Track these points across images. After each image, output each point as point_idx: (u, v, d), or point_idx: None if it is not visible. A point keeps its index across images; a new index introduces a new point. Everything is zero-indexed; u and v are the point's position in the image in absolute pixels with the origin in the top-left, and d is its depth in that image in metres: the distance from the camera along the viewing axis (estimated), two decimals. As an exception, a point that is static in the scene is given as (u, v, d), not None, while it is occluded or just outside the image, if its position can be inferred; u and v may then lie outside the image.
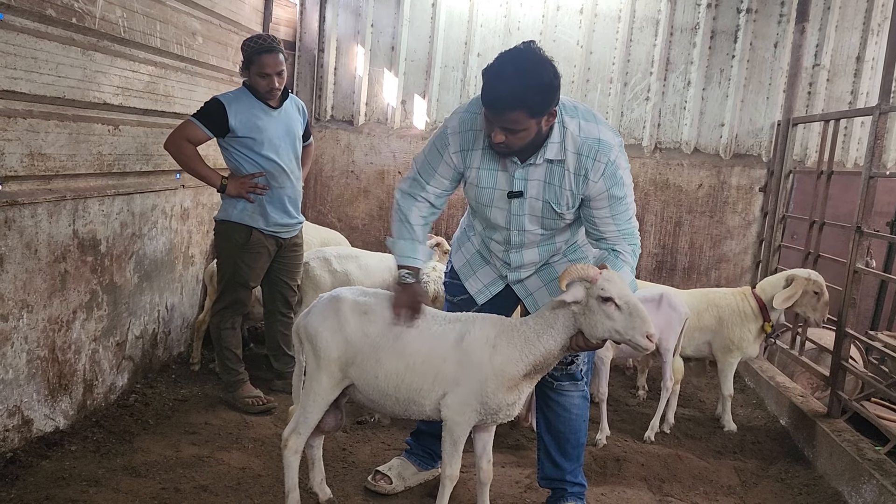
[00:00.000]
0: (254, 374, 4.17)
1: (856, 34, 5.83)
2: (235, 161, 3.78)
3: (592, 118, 2.57)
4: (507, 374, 2.50)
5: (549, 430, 3.00)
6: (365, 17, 5.93)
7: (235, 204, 3.80)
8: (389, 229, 2.85)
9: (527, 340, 2.49)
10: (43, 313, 3.16)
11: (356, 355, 2.60)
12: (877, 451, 3.57)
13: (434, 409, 2.60)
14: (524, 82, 2.30)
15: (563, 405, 2.94)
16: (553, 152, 2.52)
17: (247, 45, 3.71)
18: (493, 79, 2.35)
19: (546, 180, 2.59)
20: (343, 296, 2.69)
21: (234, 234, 3.82)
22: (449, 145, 2.65)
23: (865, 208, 3.97)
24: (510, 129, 2.39)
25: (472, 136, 2.62)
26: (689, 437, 4.17)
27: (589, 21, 5.82)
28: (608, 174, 2.51)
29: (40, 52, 2.99)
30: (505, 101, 2.33)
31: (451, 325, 2.59)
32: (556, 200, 2.60)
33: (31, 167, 3.02)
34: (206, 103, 3.71)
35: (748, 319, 4.31)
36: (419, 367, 2.54)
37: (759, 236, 5.96)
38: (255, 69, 3.68)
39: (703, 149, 5.98)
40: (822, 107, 5.87)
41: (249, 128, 3.71)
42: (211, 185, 3.75)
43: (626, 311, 2.34)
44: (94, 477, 2.99)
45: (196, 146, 3.68)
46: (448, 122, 2.69)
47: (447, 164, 2.68)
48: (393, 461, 3.21)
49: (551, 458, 3.00)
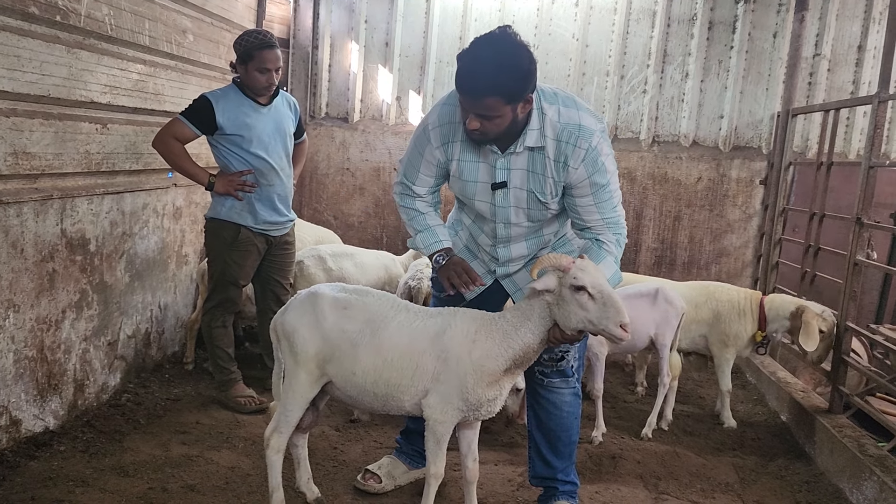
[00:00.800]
0: (247, 374, 4.14)
1: (857, 23, 5.75)
2: (224, 159, 3.75)
3: (573, 104, 2.52)
4: (487, 368, 2.46)
5: (540, 427, 2.95)
6: (359, 14, 5.90)
7: (224, 201, 3.77)
8: (386, 226, 2.87)
9: (505, 334, 2.46)
10: (30, 313, 3.14)
11: (334, 352, 2.57)
12: (879, 446, 3.51)
13: (413, 405, 2.57)
14: (500, 68, 2.26)
15: (553, 402, 2.89)
16: (533, 139, 2.48)
17: (245, 39, 3.67)
18: (468, 63, 2.31)
19: (529, 169, 2.55)
20: (321, 292, 2.65)
21: (222, 231, 3.79)
22: (430, 141, 2.63)
23: (865, 199, 3.91)
24: (485, 116, 2.36)
25: (452, 129, 2.59)
26: (687, 434, 4.12)
27: (584, 13, 5.76)
28: (589, 160, 2.47)
29: (23, 49, 2.97)
30: (480, 87, 2.29)
31: (431, 319, 2.56)
32: (539, 189, 2.56)
33: (16, 166, 3.00)
34: (194, 101, 3.68)
35: (745, 318, 4.24)
36: (397, 363, 2.51)
37: (759, 230, 5.89)
38: (254, 64, 3.63)
39: (702, 141, 5.91)
40: (823, 97, 5.78)
41: (238, 125, 3.67)
42: (198, 182, 3.72)
43: (600, 301, 2.30)
44: (82, 477, 2.97)
45: (184, 144, 3.66)
46: (427, 117, 2.67)
47: (429, 163, 2.68)
48: (383, 460, 3.17)
49: (542, 456, 2.96)
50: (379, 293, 2.70)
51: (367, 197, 6.08)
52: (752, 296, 4.34)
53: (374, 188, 6.05)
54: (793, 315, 4.11)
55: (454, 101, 2.55)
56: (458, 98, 2.47)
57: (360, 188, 6.07)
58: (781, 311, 4.18)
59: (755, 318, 4.25)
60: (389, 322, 2.55)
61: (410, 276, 4.28)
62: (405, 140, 5.98)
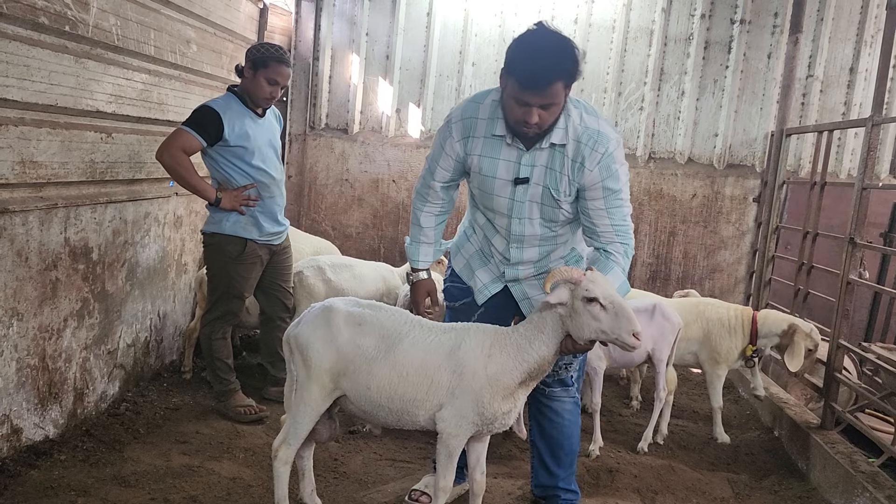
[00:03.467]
0: (246, 383, 4.15)
1: (849, 45, 5.87)
2: (224, 171, 3.74)
3: (594, 112, 2.64)
4: (503, 382, 2.50)
5: (543, 436, 3.01)
6: (360, 26, 5.95)
7: (228, 216, 3.76)
8: (384, 237, 2.96)
9: (519, 348, 2.50)
10: (33, 321, 3.14)
11: (348, 367, 2.59)
12: (871, 462, 3.57)
13: (427, 420, 2.59)
14: (561, 52, 2.38)
15: (555, 410, 2.96)
16: (558, 137, 2.57)
17: (264, 48, 3.71)
18: (531, 55, 2.38)
19: (548, 165, 2.63)
20: (335, 306, 2.67)
21: (227, 245, 3.79)
22: (452, 135, 2.72)
23: (858, 219, 3.98)
24: (548, 105, 2.44)
25: (472, 124, 2.67)
26: (682, 449, 4.16)
27: (583, 31, 5.84)
28: (604, 165, 2.56)
29: (33, 59, 2.98)
30: (550, 75, 2.37)
31: (444, 335, 2.59)
32: (554, 186, 2.63)
33: (23, 175, 3.01)
34: (198, 111, 3.67)
35: (735, 335, 4.30)
36: (412, 378, 2.53)
37: (752, 246, 5.97)
38: (265, 73, 3.66)
39: (697, 159, 5.99)
40: (816, 118, 5.90)
41: (241, 136, 3.68)
42: (205, 198, 3.71)
43: (612, 311, 2.35)
44: (83, 487, 2.96)
45: (190, 156, 3.66)
46: (451, 113, 2.78)
47: (448, 156, 2.76)
48: (426, 478, 3.15)
49: (545, 464, 3.01)
50: (391, 308, 2.73)
51: (365, 208, 6.11)
52: (744, 312, 4.39)
53: (373, 199, 6.08)
54: (784, 333, 4.19)
55: (479, 98, 2.68)
56: (483, 97, 2.63)
57: (359, 199, 6.10)
58: (774, 328, 4.25)
59: (746, 333, 4.31)
60: (404, 338, 2.57)
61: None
62: (404, 152, 6.03)
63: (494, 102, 2.63)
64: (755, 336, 4.28)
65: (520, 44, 2.43)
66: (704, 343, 4.36)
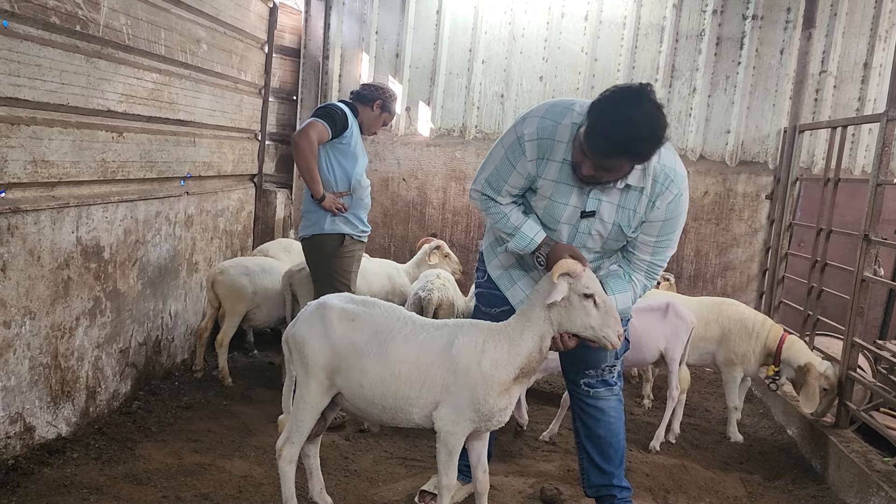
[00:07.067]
0: (257, 381, 4.15)
1: (863, 40, 5.80)
2: (326, 174, 3.93)
3: (670, 148, 2.55)
4: (497, 378, 2.50)
5: (590, 437, 3.00)
6: (370, 25, 5.94)
7: (325, 216, 3.94)
8: (394, 236, 2.87)
9: (512, 342, 2.51)
10: (46, 320, 3.16)
11: (341, 363, 2.59)
12: (885, 461, 3.53)
13: (423, 418, 2.59)
14: (636, 136, 2.23)
15: (600, 408, 2.96)
16: (635, 179, 2.50)
17: (391, 94, 4.12)
18: (606, 123, 2.24)
19: (619, 204, 2.56)
20: (330, 303, 2.68)
21: (327, 242, 3.95)
22: (525, 153, 2.55)
23: (873, 216, 3.94)
24: (605, 170, 2.38)
25: (550, 146, 2.53)
26: (694, 447, 4.13)
27: (594, 28, 5.81)
28: (673, 205, 2.54)
29: (44, 59, 3.00)
30: (612, 150, 2.28)
31: (437, 331, 2.59)
32: (627, 223, 2.58)
33: (35, 174, 3.03)
34: (327, 107, 3.92)
35: (754, 340, 4.24)
36: (405, 375, 2.53)
37: (765, 244, 5.92)
38: (385, 116, 4.11)
39: (709, 156, 5.95)
40: (829, 113, 5.83)
41: (355, 140, 3.99)
42: (314, 189, 3.85)
43: (603, 310, 2.43)
44: (96, 484, 2.98)
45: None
46: (522, 127, 2.57)
47: (519, 174, 2.60)
48: (434, 479, 3.12)
49: (595, 464, 2.99)
50: (386, 305, 2.72)
51: (376, 206, 6.07)
52: (773, 328, 4.29)
53: (383, 198, 6.08)
54: (799, 368, 4.11)
55: (557, 117, 2.51)
56: (561, 117, 2.49)
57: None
58: (793, 358, 4.15)
59: (765, 343, 4.24)
60: (396, 334, 2.57)
61: (421, 286, 4.29)
62: (414, 150, 6.02)
63: (574, 126, 2.46)
64: (779, 358, 4.22)
65: (608, 103, 2.26)
66: (722, 343, 4.32)
